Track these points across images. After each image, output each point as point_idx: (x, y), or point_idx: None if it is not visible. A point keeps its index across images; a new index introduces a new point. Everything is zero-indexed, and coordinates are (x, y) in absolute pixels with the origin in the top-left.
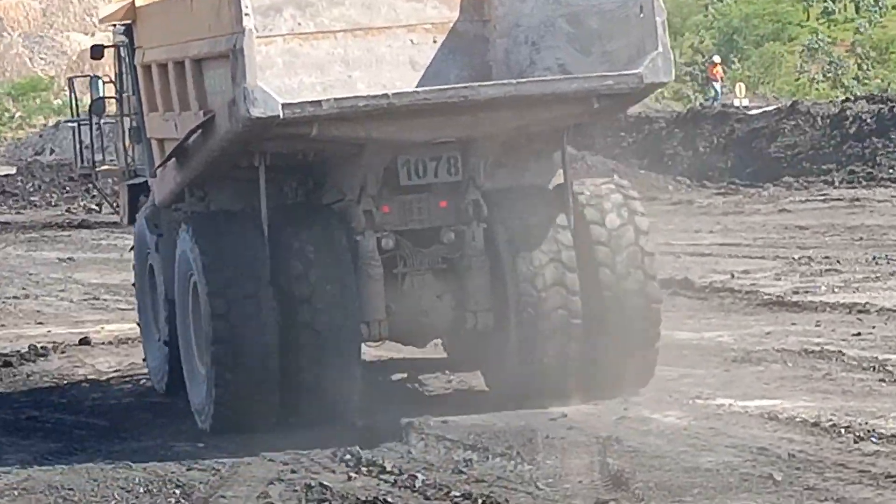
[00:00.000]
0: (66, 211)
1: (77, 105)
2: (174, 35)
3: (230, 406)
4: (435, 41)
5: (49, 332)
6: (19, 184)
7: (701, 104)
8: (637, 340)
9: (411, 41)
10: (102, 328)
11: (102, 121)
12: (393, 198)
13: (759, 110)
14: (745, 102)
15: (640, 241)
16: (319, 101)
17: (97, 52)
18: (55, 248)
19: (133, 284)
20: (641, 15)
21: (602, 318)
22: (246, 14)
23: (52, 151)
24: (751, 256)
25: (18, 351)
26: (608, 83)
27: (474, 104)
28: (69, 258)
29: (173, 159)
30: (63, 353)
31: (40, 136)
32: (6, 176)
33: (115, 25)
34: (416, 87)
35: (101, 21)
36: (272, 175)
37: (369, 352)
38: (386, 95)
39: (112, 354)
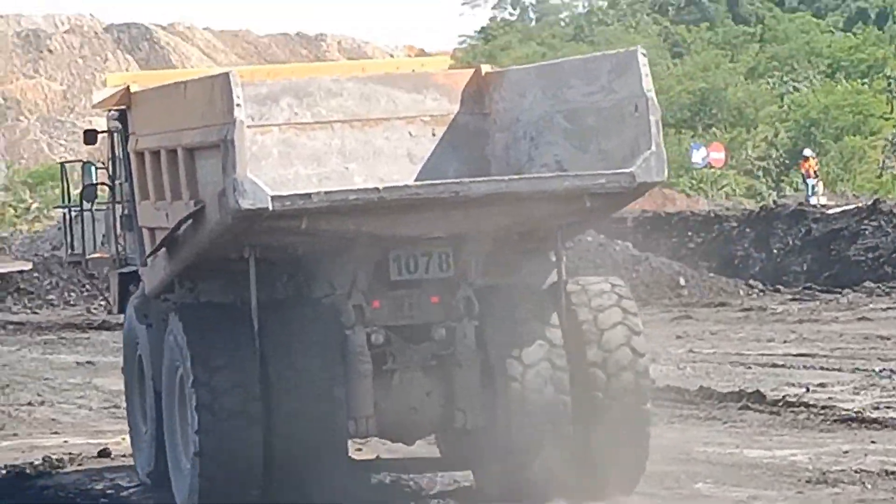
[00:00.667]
0: (86, 311)
1: (68, 191)
2: (168, 123)
3: (214, 498)
4: (434, 134)
5: (65, 442)
6: (36, 281)
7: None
8: (627, 441)
9: (410, 133)
10: (124, 439)
11: (94, 207)
12: (384, 293)
13: (839, 209)
14: (824, 200)
15: (631, 341)
16: (309, 194)
17: (90, 137)
18: (73, 350)
19: (123, 371)
20: (636, 113)
21: (592, 417)
22: (238, 105)
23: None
24: (828, 368)
25: (32, 463)
26: (600, 182)
27: (466, 200)
28: (88, 362)
29: (163, 249)
30: (80, 465)
31: (59, 229)
32: (21, 272)
33: (109, 111)
34: (415, 180)
35: (94, 106)
36: (263, 268)
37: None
38: (377, 189)
39: (134, 468)
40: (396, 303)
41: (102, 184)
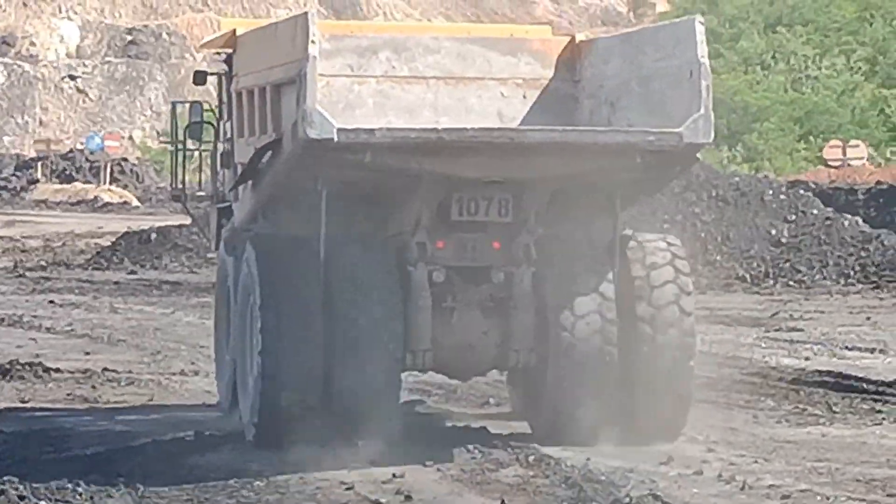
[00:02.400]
0: None
1: (177, 129)
2: (262, 62)
3: (273, 418)
4: (525, 96)
5: (221, 416)
6: (195, 237)
7: None
8: (670, 394)
9: (501, 94)
10: None
11: (202, 147)
12: (448, 235)
13: None
14: None
15: (680, 300)
16: (373, 130)
17: (199, 77)
18: None
19: (215, 303)
20: (691, 78)
21: (638, 370)
22: (312, 41)
23: None
24: None
25: (183, 438)
26: (650, 139)
27: (520, 147)
28: None
29: (249, 182)
30: (236, 444)
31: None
32: (180, 227)
33: (218, 53)
34: None
35: (201, 47)
36: (334, 203)
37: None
38: (436, 130)
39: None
40: (459, 244)
41: (207, 122)
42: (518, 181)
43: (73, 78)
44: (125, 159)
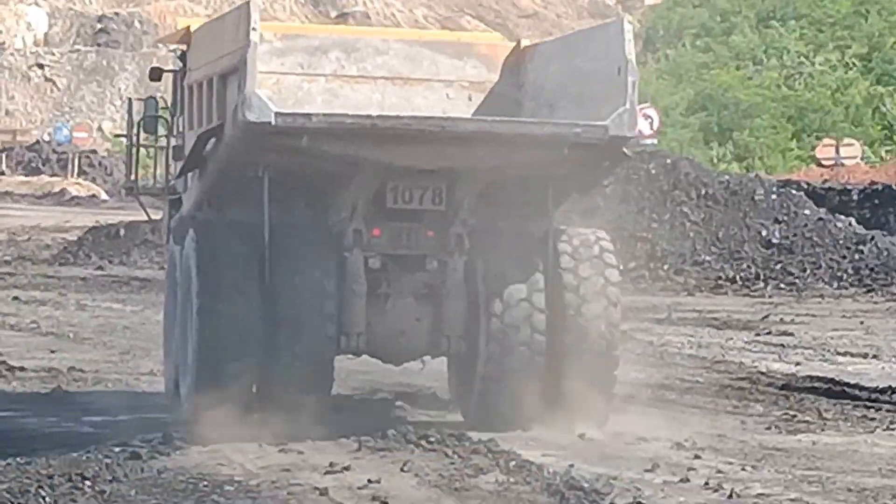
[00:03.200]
0: None
1: (132, 124)
2: (212, 54)
3: (209, 391)
4: (470, 98)
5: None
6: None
7: None
8: (595, 382)
9: (447, 95)
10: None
11: (157, 141)
12: (384, 222)
13: None
14: None
15: (607, 291)
16: (309, 114)
17: (155, 73)
18: None
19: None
20: (619, 76)
21: (564, 358)
22: (253, 28)
23: None
24: None
25: (150, 441)
26: (576, 131)
27: (453, 136)
28: None
29: (196, 171)
30: (204, 446)
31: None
32: (149, 221)
33: (173, 50)
34: None
35: (156, 42)
36: (278, 190)
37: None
38: (370, 116)
39: (270, 447)
40: (395, 232)
41: (161, 117)
42: (451, 171)
43: (40, 66)
44: (94, 151)
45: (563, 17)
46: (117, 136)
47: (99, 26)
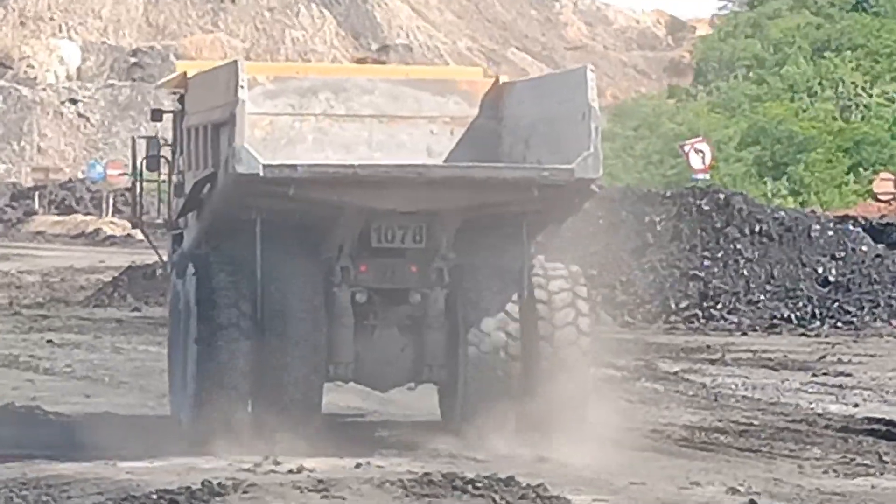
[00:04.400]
0: None
1: (136, 162)
2: (206, 103)
3: (205, 417)
4: (452, 133)
5: (229, 465)
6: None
7: None
8: (568, 404)
9: (431, 131)
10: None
11: (160, 178)
12: (370, 259)
13: None
14: None
15: (577, 321)
16: (295, 165)
17: (156, 115)
18: None
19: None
20: (583, 121)
21: (538, 382)
22: (241, 87)
23: None
24: None
25: (189, 488)
26: (544, 174)
27: (430, 181)
28: None
29: (195, 211)
30: (246, 493)
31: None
32: None
33: (173, 93)
34: None
35: (156, 87)
36: (270, 230)
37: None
38: (352, 166)
39: (312, 493)
40: (379, 268)
41: (162, 156)
42: (429, 211)
43: (73, 102)
44: (129, 189)
45: (611, 49)
46: (122, 174)
47: (133, 60)
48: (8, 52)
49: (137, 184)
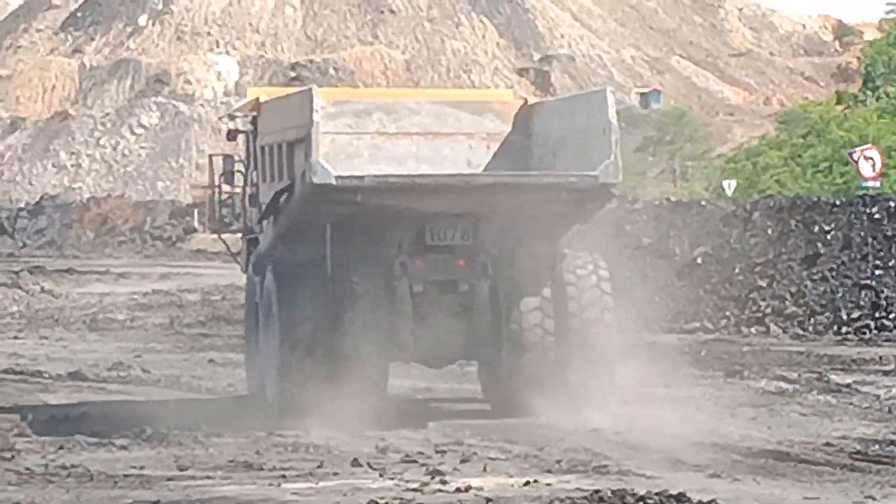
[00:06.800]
0: None
1: (214, 178)
2: (280, 124)
3: (291, 392)
4: (489, 147)
5: (396, 484)
6: None
7: None
8: (597, 374)
9: (470, 146)
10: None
11: (234, 190)
12: (424, 255)
13: None
14: None
15: (602, 299)
16: (362, 176)
17: (232, 135)
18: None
19: (245, 317)
20: (604, 134)
21: (571, 353)
22: (316, 111)
23: None
24: None
25: None
26: (572, 180)
27: (475, 188)
28: (428, 388)
29: (271, 217)
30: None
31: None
32: None
33: (245, 115)
34: None
35: (233, 112)
36: (337, 232)
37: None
38: (409, 175)
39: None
40: (433, 263)
41: (237, 171)
42: (475, 213)
43: (231, 118)
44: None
45: (777, 55)
46: (202, 186)
47: (292, 74)
48: (165, 69)
49: (216, 196)
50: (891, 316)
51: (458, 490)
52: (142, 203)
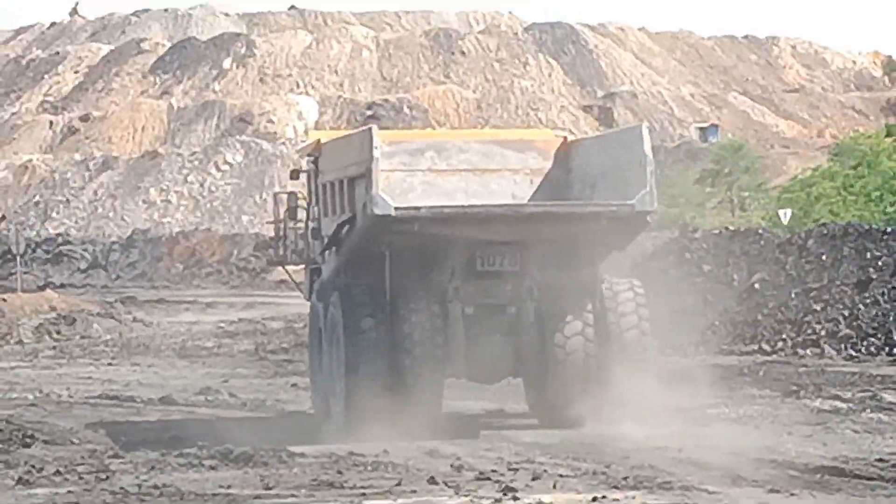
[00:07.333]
0: None
1: (279, 214)
2: (341, 162)
3: (354, 409)
4: (532, 182)
5: (471, 501)
6: None
7: None
8: (634, 392)
9: (515, 181)
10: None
11: (297, 224)
12: (476, 280)
13: None
14: None
15: (640, 324)
16: (419, 207)
17: (295, 175)
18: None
19: (308, 342)
20: (640, 165)
21: (611, 374)
22: (375, 148)
23: None
24: None
25: None
26: (611, 209)
27: (522, 217)
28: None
29: (333, 248)
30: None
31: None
32: None
33: (308, 155)
34: None
35: (297, 152)
36: (395, 260)
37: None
38: (462, 206)
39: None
40: (483, 287)
41: (301, 207)
42: (521, 241)
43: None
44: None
45: (829, 91)
46: (269, 222)
47: (368, 113)
48: (249, 109)
49: (281, 231)
50: None
51: None
52: (227, 236)
